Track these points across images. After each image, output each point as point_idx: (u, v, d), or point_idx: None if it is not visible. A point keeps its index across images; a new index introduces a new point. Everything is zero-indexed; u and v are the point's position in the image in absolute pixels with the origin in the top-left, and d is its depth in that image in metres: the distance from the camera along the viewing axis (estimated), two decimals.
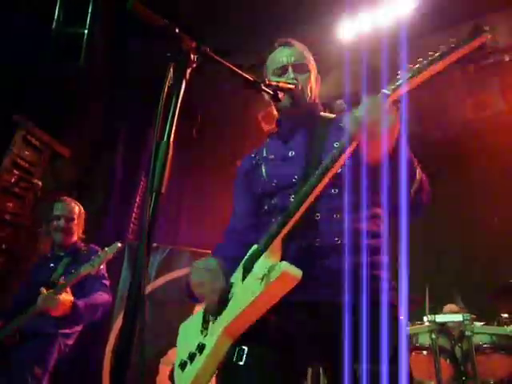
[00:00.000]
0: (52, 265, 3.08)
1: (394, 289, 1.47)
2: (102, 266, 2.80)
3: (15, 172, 4.06)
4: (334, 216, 1.44)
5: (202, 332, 1.46)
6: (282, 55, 1.75)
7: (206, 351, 1.37)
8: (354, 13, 4.59)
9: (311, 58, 1.79)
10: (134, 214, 5.29)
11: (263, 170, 1.64)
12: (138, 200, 5.34)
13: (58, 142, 4.58)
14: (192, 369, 1.40)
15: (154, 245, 4.12)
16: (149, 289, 4.28)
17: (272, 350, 1.36)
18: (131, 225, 5.25)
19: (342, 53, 4.82)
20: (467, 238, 5.12)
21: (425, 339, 3.72)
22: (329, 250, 1.41)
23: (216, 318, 1.41)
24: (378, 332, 1.28)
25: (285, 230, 1.33)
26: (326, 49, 4.77)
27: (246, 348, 1.35)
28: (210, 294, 1.40)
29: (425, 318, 3.68)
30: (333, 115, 1.75)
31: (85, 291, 2.91)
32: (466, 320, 3.49)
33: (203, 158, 6.21)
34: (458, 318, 3.57)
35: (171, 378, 4.64)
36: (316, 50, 1.85)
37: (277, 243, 1.33)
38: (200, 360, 1.37)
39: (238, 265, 1.49)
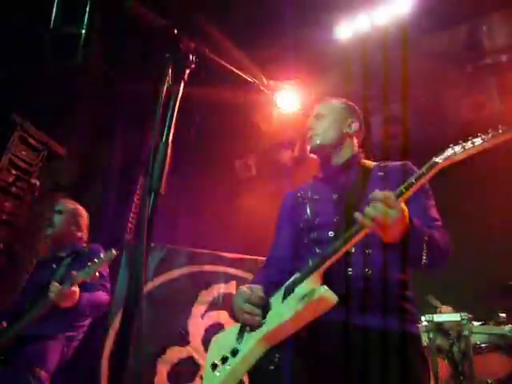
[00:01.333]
0: (54, 265, 3.06)
1: (417, 321, 1.65)
2: (97, 274, 2.79)
3: (13, 172, 4.05)
4: (366, 251, 1.60)
5: (237, 340, 1.63)
6: (311, 112, 2.03)
7: (240, 354, 1.56)
8: (352, 13, 4.60)
9: (337, 107, 2.00)
10: (131, 214, 5.28)
11: (308, 209, 1.83)
12: (135, 200, 5.34)
13: (56, 141, 4.57)
14: (224, 368, 1.59)
15: (152, 244, 4.12)
16: (147, 288, 4.28)
17: (300, 360, 1.52)
18: (129, 225, 5.24)
19: (340, 53, 4.83)
20: (466, 237, 5.12)
21: (422, 339, 3.73)
22: (360, 278, 1.57)
23: (253, 330, 1.58)
24: (402, 361, 1.46)
25: (325, 266, 1.49)
26: (324, 49, 4.77)
27: (277, 354, 1.51)
28: (251, 320, 1.57)
29: (422, 318, 3.69)
30: (373, 163, 1.91)
31: (85, 290, 2.91)
32: (464, 320, 3.50)
33: (201, 158, 6.20)
34: (456, 317, 3.58)
35: (169, 378, 4.62)
36: (314, 49, 1.89)
37: (318, 274, 1.50)
38: (233, 362, 1.56)
39: (277, 289, 1.66)
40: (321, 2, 4.52)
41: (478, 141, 1.42)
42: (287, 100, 4.39)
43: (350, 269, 1.56)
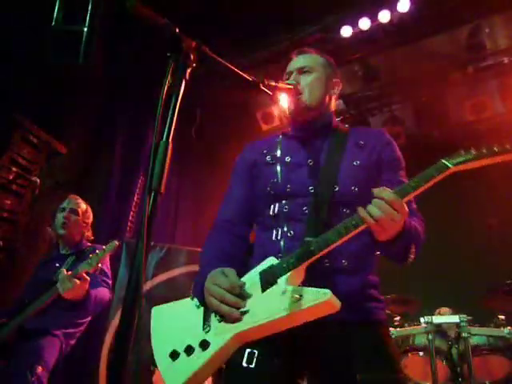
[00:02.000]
0: (57, 264, 3.08)
1: (385, 308, 1.56)
2: (99, 265, 2.79)
3: (13, 169, 4.05)
4: None
5: (204, 328, 1.41)
6: (291, 63, 1.76)
7: (212, 350, 1.34)
8: (353, 13, 4.59)
9: (322, 63, 1.75)
10: (131, 213, 5.29)
11: (278, 171, 1.61)
12: (135, 199, 5.34)
13: (57, 140, 4.57)
14: (190, 363, 1.36)
15: (152, 244, 4.12)
16: (146, 287, 4.29)
17: (280, 357, 1.40)
18: (129, 223, 5.24)
19: (342, 53, 4.83)
20: (465, 238, 5.13)
21: (421, 340, 3.73)
22: (338, 272, 1.46)
23: (228, 321, 1.37)
24: (375, 346, 1.42)
25: (313, 259, 1.36)
26: (326, 49, 4.77)
27: (256, 351, 1.38)
28: (231, 312, 1.35)
29: (421, 319, 3.69)
30: (348, 127, 1.75)
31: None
32: (463, 321, 3.50)
33: (201, 158, 6.21)
34: (455, 319, 3.58)
35: None
36: (316, 49, 1.85)
37: (303, 267, 1.37)
38: (202, 357, 1.34)
39: (234, 261, 1.51)
40: (322, 2, 4.52)
41: (498, 150, 1.24)
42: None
43: (326, 260, 1.43)
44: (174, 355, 1.39)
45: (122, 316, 1.06)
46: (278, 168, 1.61)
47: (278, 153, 1.66)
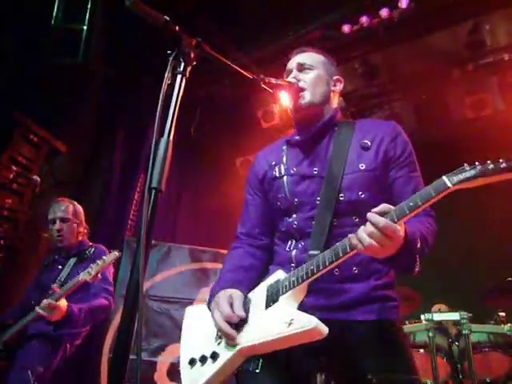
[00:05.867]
0: (59, 266, 3.10)
1: (398, 306, 1.52)
2: (99, 275, 2.80)
3: (13, 168, 4.05)
4: None
5: (216, 339, 1.47)
6: (290, 62, 1.75)
7: (219, 362, 1.40)
8: (354, 10, 4.58)
9: (323, 61, 1.74)
10: (132, 211, 5.29)
11: (285, 185, 1.61)
12: (136, 197, 5.34)
13: (57, 138, 4.57)
14: (202, 372, 1.43)
15: (153, 242, 4.11)
16: (147, 285, 4.29)
17: (285, 361, 1.43)
18: (129, 222, 5.24)
19: (342, 50, 4.82)
20: (466, 237, 5.12)
21: (422, 337, 3.73)
22: (348, 280, 1.46)
23: None
24: (390, 346, 1.42)
25: (313, 278, 1.37)
26: (326, 46, 4.76)
27: (261, 359, 1.41)
28: (225, 336, 1.41)
29: (422, 317, 3.69)
30: (352, 121, 1.71)
31: (89, 294, 2.95)
32: (463, 319, 3.50)
33: (201, 156, 6.20)
34: (455, 316, 3.58)
35: (169, 374, 4.60)
36: (316, 47, 1.84)
37: (304, 285, 1.39)
38: (212, 367, 1.41)
39: (252, 270, 1.58)
40: (322, 1, 4.52)
41: (502, 167, 1.11)
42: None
43: (336, 269, 1.42)
44: (192, 362, 1.48)
45: (124, 314, 1.06)
46: (285, 181, 1.62)
47: (284, 165, 1.66)
